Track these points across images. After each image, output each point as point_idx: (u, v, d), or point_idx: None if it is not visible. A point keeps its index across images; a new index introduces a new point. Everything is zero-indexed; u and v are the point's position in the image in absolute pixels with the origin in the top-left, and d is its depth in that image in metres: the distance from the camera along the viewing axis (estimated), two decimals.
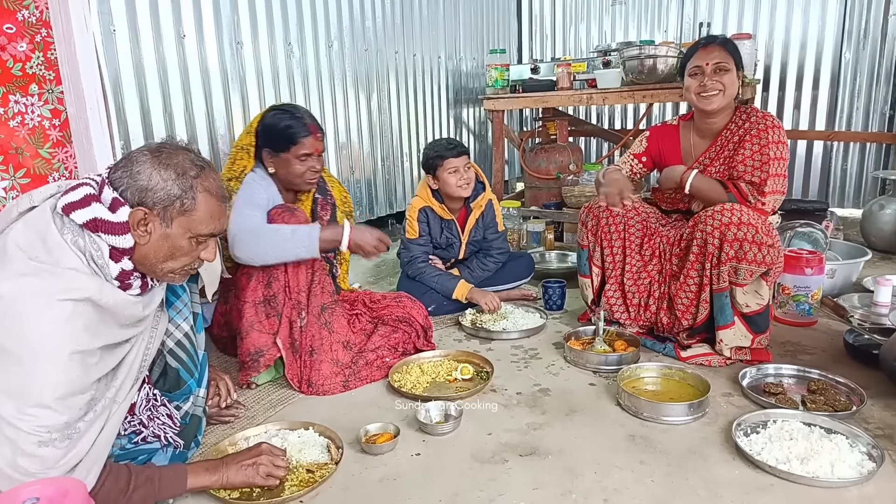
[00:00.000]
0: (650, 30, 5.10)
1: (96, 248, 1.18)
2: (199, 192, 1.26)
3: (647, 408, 1.75)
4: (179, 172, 1.23)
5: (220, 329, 2.15)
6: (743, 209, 1.97)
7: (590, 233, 2.33)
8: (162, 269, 1.28)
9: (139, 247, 1.24)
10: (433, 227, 2.73)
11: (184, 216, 1.25)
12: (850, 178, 4.55)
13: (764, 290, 2.01)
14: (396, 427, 1.69)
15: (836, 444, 1.53)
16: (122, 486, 1.22)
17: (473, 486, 1.47)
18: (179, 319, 1.53)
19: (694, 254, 2.07)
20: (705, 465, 1.52)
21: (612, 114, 5.40)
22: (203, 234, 1.29)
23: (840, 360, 2.10)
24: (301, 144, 2.03)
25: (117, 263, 1.21)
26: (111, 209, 1.19)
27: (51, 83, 2.09)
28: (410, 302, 2.30)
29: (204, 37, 2.64)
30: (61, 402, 1.10)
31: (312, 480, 1.48)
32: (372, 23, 3.68)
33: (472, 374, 2.05)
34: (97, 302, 1.15)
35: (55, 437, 1.10)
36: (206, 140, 2.70)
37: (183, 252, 1.28)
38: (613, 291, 2.29)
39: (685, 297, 2.12)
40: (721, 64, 2.11)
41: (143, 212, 1.21)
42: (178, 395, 1.54)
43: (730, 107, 2.20)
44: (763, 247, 1.93)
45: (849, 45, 4.37)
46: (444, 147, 2.62)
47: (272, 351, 1.96)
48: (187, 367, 1.54)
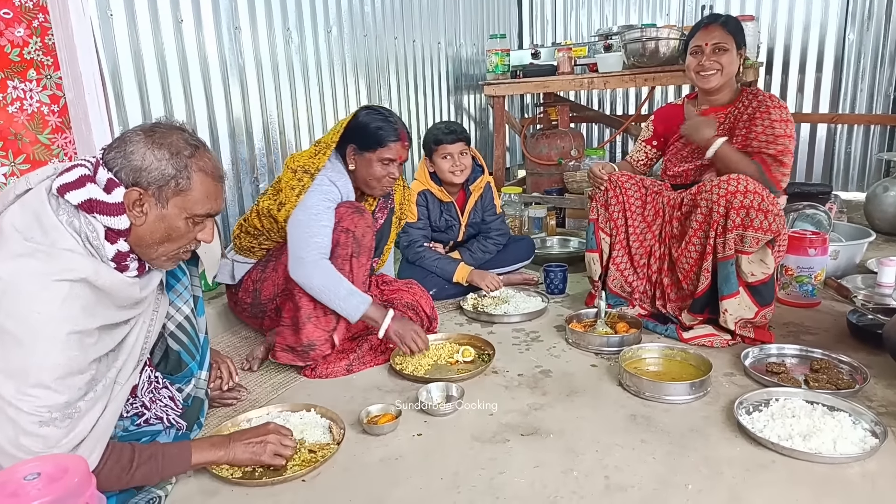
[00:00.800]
0: (651, 14, 5.05)
1: (91, 229, 1.18)
2: (194, 171, 1.24)
3: (649, 387, 1.74)
4: (173, 152, 1.22)
5: (246, 294, 2.15)
6: (748, 179, 1.97)
7: (599, 205, 2.33)
8: (158, 251, 1.27)
9: (135, 228, 1.22)
10: (432, 210, 2.72)
11: (179, 196, 1.23)
12: (853, 160, 4.52)
13: (769, 258, 2.00)
14: (398, 408, 1.69)
15: (839, 421, 1.53)
16: (124, 464, 1.23)
17: (474, 466, 1.47)
18: (180, 303, 1.52)
19: (697, 222, 2.07)
20: (707, 444, 1.52)
21: (614, 99, 5.37)
22: (199, 215, 1.27)
23: (843, 340, 2.09)
24: (388, 148, 2.02)
25: (113, 245, 1.20)
26: (106, 190, 1.18)
27: (49, 69, 2.08)
28: (420, 290, 2.30)
29: (202, 21, 2.62)
30: (61, 382, 1.10)
31: (314, 460, 1.48)
32: (371, 8, 3.66)
33: (473, 357, 2.05)
34: (93, 283, 1.15)
35: (56, 416, 1.10)
36: (205, 125, 2.69)
37: (180, 233, 1.26)
38: (622, 256, 2.29)
39: (685, 263, 2.13)
40: (720, 44, 2.15)
41: (139, 192, 1.20)
42: (180, 377, 1.54)
43: (730, 85, 2.22)
44: (770, 214, 1.93)
45: (852, 26, 4.32)
46: (441, 131, 2.62)
47: (324, 346, 1.97)
48: (188, 350, 1.54)
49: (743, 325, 2.07)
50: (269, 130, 3.01)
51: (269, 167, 3.03)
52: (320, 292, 1.90)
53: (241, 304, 2.19)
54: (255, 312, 2.17)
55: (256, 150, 2.95)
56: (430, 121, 4.39)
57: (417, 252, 2.65)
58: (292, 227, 1.95)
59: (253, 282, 2.14)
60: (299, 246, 1.91)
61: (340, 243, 1.98)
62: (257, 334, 2.34)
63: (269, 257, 2.14)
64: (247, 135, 2.89)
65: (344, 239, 1.98)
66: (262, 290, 2.11)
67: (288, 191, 1.98)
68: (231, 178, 2.84)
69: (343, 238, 1.98)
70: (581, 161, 3.78)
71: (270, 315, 2.16)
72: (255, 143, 2.94)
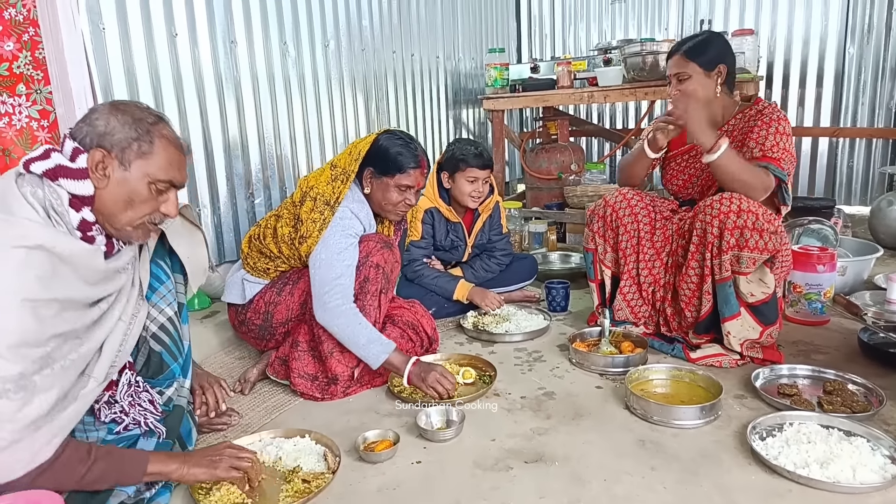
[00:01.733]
0: (650, 28, 5.04)
1: (56, 196, 1.18)
2: (157, 137, 1.26)
3: (657, 411, 1.68)
4: (137, 118, 1.25)
5: (256, 315, 2.08)
6: (741, 197, 1.92)
7: (596, 235, 2.28)
8: (121, 219, 1.26)
9: (99, 193, 1.22)
10: (438, 228, 2.66)
11: (142, 159, 1.24)
12: (856, 174, 4.48)
13: (769, 278, 1.95)
14: (396, 434, 1.62)
15: (857, 447, 1.46)
16: (82, 455, 1.17)
17: (476, 495, 1.41)
18: (163, 304, 1.49)
19: (694, 244, 2.02)
20: (719, 471, 1.46)
21: (614, 113, 5.34)
22: (162, 180, 1.27)
23: (855, 359, 2.04)
24: (407, 174, 1.98)
25: (78, 213, 1.20)
26: (71, 159, 1.21)
27: (39, 83, 2.03)
28: (422, 310, 2.24)
29: (197, 35, 2.58)
30: (13, 350, 1.06)
31: (308, 490, 1.41)
32: (369, 22, 3.63)
33: (474, 378, 1.98)
34: (51, 250, 1.12)
35: (9, 387, 1.05)
36: (199, 140, 2.64)
37: (142, 199, 1.26)
38: (630, 287, 2.23)
39: (687, 289, 2.07)
40: (679, 74, 2.13)
41: (102, 153, 1.21)
42: (161, 379, 1.48)
43: (717, 101, 2.15)
44: (765, 233, 1.88)
45: (852, 40, 4.31)
46: (471, 153, 2.53)
47: (346, 381, 1.93)
48: (170, 351, 1.49)
49: (750, 346, 2.01)
50: (265, 145, 2.96)
51: (265, 182, 2.98)
52: (341, 338, 1.87)
53: (248, 324, 2.12)
54: (262, 334, 2.10)
55: (252, 165, 2.90)
56: (429, 135, 4.35)
57: (416, 270, 2.58)
58: (315, 267, 1.90)
59: (266, 303, 2.07)
60: (323, 289, 1.87)
61: (370, 279, 1.94)
62: (252, 355, 2.27)
63: (285, 280, 2.07)
64: (242, 150, 2.84)
65: (374, 275, 1.95)
66: (276, 313, 2.05)
67: (309, 224, 1.92)
68: (226, 193, 2.79)
69: (373, 274, 1.94)
70: (581, 175, 3.74)
71: (278, 339, 2.09)
72: (250, 158, 2.89)
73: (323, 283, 1.87)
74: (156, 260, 1.49)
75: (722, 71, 2.11)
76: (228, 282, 2.18)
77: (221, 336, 2.39)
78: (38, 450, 1.09)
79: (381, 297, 1.99)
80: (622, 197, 2.24)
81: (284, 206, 2.07)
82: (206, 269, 1.59)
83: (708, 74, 2.10)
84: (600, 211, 2.27)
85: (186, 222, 1.55)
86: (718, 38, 2.17)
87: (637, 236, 2.21)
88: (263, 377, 2.07)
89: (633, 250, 2.22)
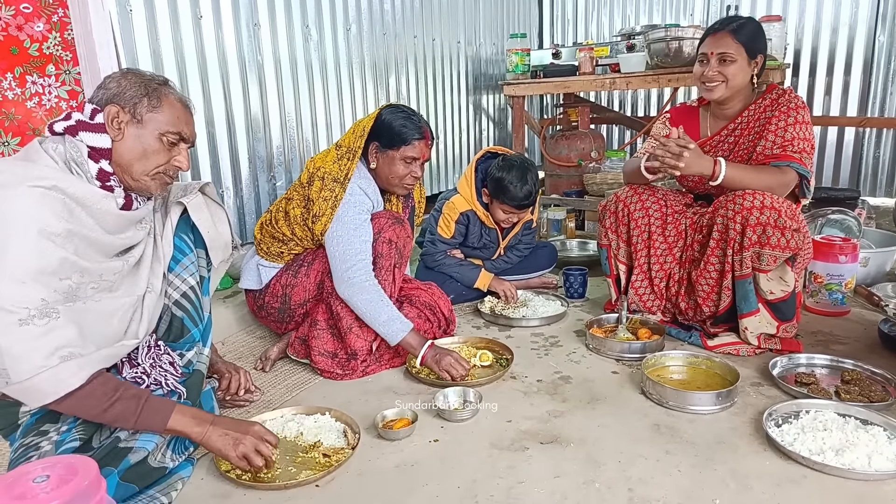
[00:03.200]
0: (675, 14, 4.97)
1: (76, 149, 1.29)
2: (165, 95, 1.37)
3: (673, 396, 1.69)
4: (146, 80, 1.37)
5: (274, 298, 2.12)
6: (764, 194, 1.89)
7: (609, 230, 2.27)
8: (137, 170, 1.35)
9: (115, 145, 1.32)
10: (472, 230, 2.63)
11: (153, 113, 1.35)
12: (882, 165, 4.40)
13: (789, 276, 1.94)
14: (414, 413, 1.65)
15: (873, 435, 1.46)
16: (107, 391, 1.24)
17: (492, 474, 1.43)
18: (186, 274, 1.55)
19: (714, 240, 2.00)
20: (734, 456, 1.46)
21: (635, 100, 5.29)
22: (172, 132, 1.37)
23: (874, 350, 2.02)
24: (412, 146, 1.99)
25: (96, 164, 1.31)
26: (90, 117, 1.32)
27: (68, 64, 2.07)
28: (439, 292, 2.27)
29: (221, 18, 2.61)
30: (34, 277, 1.14)
31: (329, 464, 1.45)
32: (391, 6, 3.63)
33: (491, 361, 2.01)
34: (65, 191, 1.21)
35: (34, 314, 1.14)
36: (223, 122, 2.68)
37: (154, 150, 1.36)
38: (641, 281, 2.23)
39: (706, 284, 2.05)
40: (726, 54, 2.01)
41: (117, 108, 1.32)
42: (182, 342, 1.53)
43: (742, 93, 2.10)
44: (787, 231, 1.85)
45: (883, 27, 4.21)
46: (517, 194, 2.42)
47: (365, 356, 1.97)
48: (191, 317, 1.54)
49: (766, 339, 2.01)
50: (287, 128, 2.99)
51: (286, 165, 3.01)
52: (363, 313, 1.91)
53: (266, 309, 2.15)
54: (282, 317, 2.13)
55: (274, 147, 2.93)
56: (448, 120, 4.35)
57: (437, 260, 2.61)
58: (333, 244, 1.93)
59: (282, 286, 2.10)
60: (346, 265, 1.91)
61: (384, 254, 1.97)
62: (272, 335, 2.32)
63: (300, 262, 2.10)
64: (265, 132, 2.88)
65: (387, 250, 1.98)
66: (293, 295, 2.08)
67: (321, 203, 1.94)
68: (248, 175, 2.83)
69: (386, 249, 1.98)
70: (601, 163, 3.72)
71: (298, 320, 2.13)
72: (272, 141, 2.92)
73: (344, 259, 1.90)
74: (179, 234, 1.54)
75: (759, 62, 2.05)
76: (244, 268, 2.21)
77: (242, 316, 2.44)
78: (65, 379, 1.16)
79: (396, 272, 2.03)
80: (633, 192, 2.22)
81: (294, 189, 2.09)
82: (229, 244, 1.63)
83: (749, 62, 2.04)
84: (612, 207, 2.26)
85: (209, 200, 1.59)
86: (759, 25, 2.08)
87: (648, 231, 2.18)
88: (284, 356, 2.11)
89: (644, 245, 2.20)
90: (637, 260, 2.22)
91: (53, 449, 1.24)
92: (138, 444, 1.29)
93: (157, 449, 1.33)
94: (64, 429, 1.29)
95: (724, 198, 1.99)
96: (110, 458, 1.25)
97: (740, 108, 2.13)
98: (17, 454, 1.25)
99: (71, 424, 1.30)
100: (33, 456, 1.23)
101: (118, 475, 1.24)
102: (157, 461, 1.33)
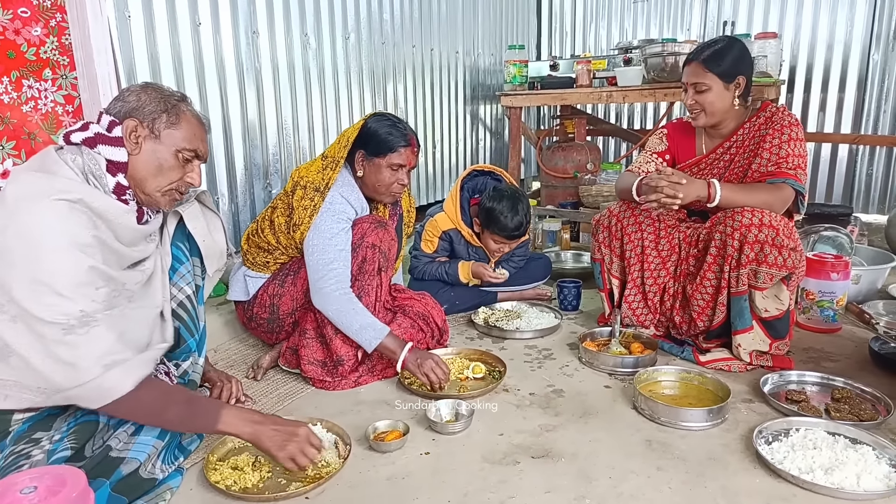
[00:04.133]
0: (672, 28, 5.01)
1: (94, 162, 1.30)
2: (183, 112, 1.39)
3: (665, 412, 1.69)
4: (165, 95, 1.39)
5: (262, 308, 2.11)
6: (763, 211, 1.91)
7: (602, 245, 2.28)
8: (151, 185, 1.37)
9: (132, 159, 1.34)
10: (458, 248, 2.65)
11: (171, 129, 1.36)
12: (875, 182, 4.44)
13: (784, 294, 1.95)
14: (406, 425, 1.65)
15: (863, 454, 1.47)
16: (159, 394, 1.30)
17: (483, 488, 1.43)
18: (182, 283, 1.57)
19: (712, 255, 2.01)
20: (725, 473, 1.47)
21: (632, 113, 5.32)
22: (188, 149, 1.38)
23: (865, 368, 2.03)
24: (397, 153, 1.99)
25: (114, 177, 1.32)
26: (108, 130, 1.34)
27: (65, 68, 2.07)
28: (432, 302, 2.26)
29: (220, 25, 2.61)
30: (72, 289, 1.17)
31: (319, 477, 1.44)
32: (389, 16, 3.65)
33: (484, 373, 2.01)
34: (89, 205, 1.24)
35: (74, 323, 1.17)
36: (219, 128, 2.67)
37: (170, 166, 1.37)
38: (634, 295, 2.24)
39: (701, 300, 2.06)
40: (699, 85, 2.04)
41: (135, 122, 1.34)
42: (178, 353, 1.55)
43: (731, 113, 2.11)
44: (784, 250, 1.87)
45: (877, 46, 4.26)
46: (508, 224, 2.46)
47: (352, 362, 1.96)
48: (188, 327, 1.56)
49: (758, 356, 2.02)
50: (284, 135, 2.99)
51: (282, 173, 3.01)
52: (337, 323, 1.91)
53: (256, 320, 2.15)
54: (271, 328, 2.13)
55: (270, 154, 2.93)
56: (446, 130, 4.36)
57: (422, 271, 2.64)
58: (308, 254, 1.93)
59: (270, 296, 2.10)
60: (318, 275, 1.91)
61: (367, 259, 1.97)
62: (265, 343, 2.31)
63: (286, 271, 2.10)
64: (261, 139, 2.88)
65: (371, 255, 1.97)
66: (281, 304, 2.08)
67: (301, 211, 1.95)
68: (243, 182, 2.82)
69: (370, 254, 1.97)
70: (597, 175, 3.74)
71: (287, 329, 2.12)
72: (268, 148, 2.92)
73: (317, 269, 1.90)
74: (175, 243, 1.56)
75: (741, 83, 2.06)
76: (231, 280, 2.21)
77: (234, 324, 2.43)
78: (112, 387, 1.19)
79: (382, 276, 2.02)
80: (626, 207, 2.23)
81: (279, 198, 2.10)
82: (224, 253, 1.64)
83: (727, 86, 2.04)
84: (605, 221, 2.27)
85: (205, 208, 1.60)
86: (738, 47, 2.07)
87: (641, 245, 2.19)
88: (275, 365, 2.11)
89: (638, 259, 2.21)
90: (630, 274, 2.23)
91: (45, 458, 1.24)
92: (131, 455, 1.29)
93: (148, 459, 1.32)
94: (56, 437, 1.29)
95: (723, 214, 1.99)
96: (102, 469, 1.25)
97: (734, 127, 2.15)
98: (8, 462, 1.24)
99: (63, 433, 1.30)
100: (24, 464, 1.22)
101: (110, 486, 1.24)
102: (148, 472, 1.32)
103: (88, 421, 1.32)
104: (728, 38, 2.13)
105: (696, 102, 2.07)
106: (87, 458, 1.27)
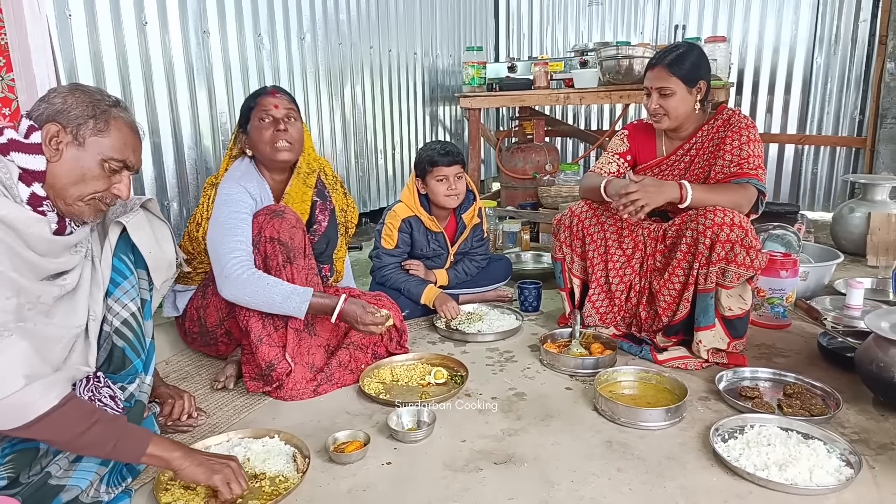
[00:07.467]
0: (626, 31, 5.10)
1: (5, 170, 1.19)
2: (113, 118, 1.28)
3: (624, 413, 1.71)
4: (95, 99, 1.28)
5: (193, 323, 2.06)
6: (734, 212, 1.95)
7: (563, 244, 2.30)
8: (72, 194, 1.26)
9: (50, 167, 1.23)
10: (418, 238, 2.61)
11: (97, 136, 1.26)
12: (820, 181, 4.61)
13: (748, 294, 2.00)
14: (367, 434, 1.62)
15: (814, 449, 1.51)
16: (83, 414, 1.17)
17: (446, 497, 1.41)
18: (126, 299, 1.46)
19: (682, 252, 2.04)
20: (683, 472, 1.49)
21: (589, 114, 5.40)
22: (116, 160, 1.28)
23: (814, 362, 2.10)
24: (259, 104, 1.93)
25: (28, 187, 1.22)
26: (25, 136, 1.23)
27: (1, 70, 1.97)
28: (389, 302, 2.21)
29: (168, 24, 2.52)
30: None
31: (276, 493, 1.40)
32: (346, 16, 3.60)
33: (446, 379, 1.99)
34: None
35: None
36: (168, 130, 2.59)
37: (94, 176, 1.27)
38: (598, 294, 2.25)
39: (667, 295, 2.10)
40: (663, 89, 2.08)
41: (57, 127, 1.23)
42: (124, 375, 1.45)
43: (691, 117, 2.15)
44: (752, 251, 1.92)
45: (820, 49, 4.42)
46: (436, 152, 2.51)
47: (283, 364, 1.88)
48: (133, 347, 1.46)
49: (715, 353, 2.06)
50: None
51: None
52: (258, 305, 1.82)
53: (190, 335, 2.09)
54: (206, 341, 2.07)
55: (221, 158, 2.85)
56: (405, 131, 4.34)
57: (385, 275, 2.56)
58: (210, 245, 1.87)
59: (196, 309, 2.03)
60: (221, 264, 1.82)
61: (269, 254, 1.89)
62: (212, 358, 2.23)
63: (206, 281, 2.03)
64: (213, 141, 2.80)
65: (271, 249, 1.89)
66: (207, 316, 2.01)
67: (200, 209, 1.93)
68: (195, 185, 2.74)
69: (270, 249, 1.89)
70: (556, 175, 3.77)
71: (223, 340, 2.06)
72: (221, 151, 2.84)
73: (219, 259, 1.83)
74: (119, 255, 1.46)
75: (702, 87, 2.10)
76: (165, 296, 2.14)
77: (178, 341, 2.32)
78: (34, 402, 1.09)
79: (291, 267, 1.91)
80: (588, 207, 2.25)
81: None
82: (173, 263, 1.56)
83: (689, 91, 2.08)
84: (566, 221, 2.28)
85: (151, 216, 1.51)
86: (699, 52, 2.11)
87: (605, 245, 2.21)
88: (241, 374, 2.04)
89: (601, 259, 2.23)
90: (594, 274, 2.25)
91: None
92: (71, 482, 1.22)
93: (90, 486, 1.25)
94: None
95: (695, 212, 2.02)
96: (40, 497, 1.18)
97: (693, 130, 2.19)
98: None
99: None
100: None
101: None
102: (91, 497, 1.25)
103: (26, 448, 1.23)
104: (688, 44, 2.18)
105: (661, 106, 2.10)
106: (23, 485, 1.20)
